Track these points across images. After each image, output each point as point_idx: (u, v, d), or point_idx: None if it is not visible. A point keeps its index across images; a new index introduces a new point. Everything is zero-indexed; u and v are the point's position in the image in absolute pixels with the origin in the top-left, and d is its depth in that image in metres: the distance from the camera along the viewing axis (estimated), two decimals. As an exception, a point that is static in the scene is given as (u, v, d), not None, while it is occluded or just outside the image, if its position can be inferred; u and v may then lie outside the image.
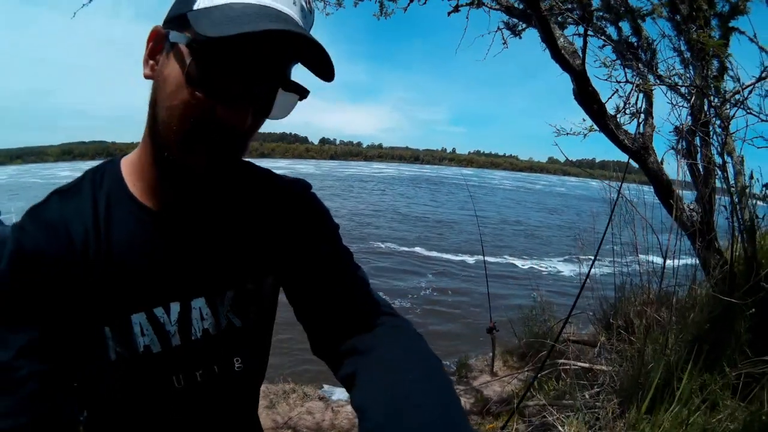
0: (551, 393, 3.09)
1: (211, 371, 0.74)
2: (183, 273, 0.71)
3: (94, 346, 0.66)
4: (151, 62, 0.64)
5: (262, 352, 0.85)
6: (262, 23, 0.53)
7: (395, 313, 0.75)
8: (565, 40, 2.70)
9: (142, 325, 0.68)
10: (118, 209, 0.68)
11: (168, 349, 0.70)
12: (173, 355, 0.70)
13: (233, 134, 0.61)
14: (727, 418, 1.71)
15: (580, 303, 2.55)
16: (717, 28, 2.57)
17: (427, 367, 0.61)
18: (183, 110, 0.59)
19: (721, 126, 2.57)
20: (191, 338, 0.72)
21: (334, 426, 3.50)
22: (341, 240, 0.81)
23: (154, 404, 0.72)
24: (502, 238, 16.23)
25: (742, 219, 2.37)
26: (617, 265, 3.52)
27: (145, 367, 0.69)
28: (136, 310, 0.67)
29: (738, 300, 2.04)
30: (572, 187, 61.05)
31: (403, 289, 9.34)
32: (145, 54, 0.64)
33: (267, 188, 0.80)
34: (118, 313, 0.66)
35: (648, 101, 2.87)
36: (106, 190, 0.69)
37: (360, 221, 18.43)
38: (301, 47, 0.60)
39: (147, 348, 0.68)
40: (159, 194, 0.69)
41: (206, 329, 0.73)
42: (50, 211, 0.66)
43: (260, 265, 0.78)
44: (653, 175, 2.78)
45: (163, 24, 0.63)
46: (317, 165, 77.26)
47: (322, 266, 0.76)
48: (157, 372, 0.70)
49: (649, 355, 2.24)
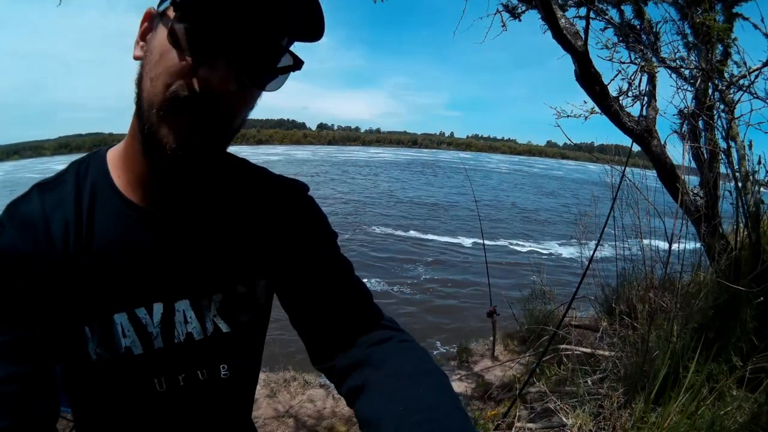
0: (553, 378, 3.09)
1: (195, 376, 0.71)
2: (167, 273, 0.67)
3: (74, 345, 0.63)
4: (141, 43, 0.61)
5: (252, 358, 0.81)
6: None
7: (399, 327, 0.73)
8: (566, 21, 2.64)
9: (123, 326, 0.64)
10: (101, 203, 0.65)
11: (150, 351, 0.66)
12: (155, 357, 0.67)
13: (216, 102, 0.56)
14: (735, 410, 1.70)
15: (581, 286, 2.53)
16: (721, 13, 2.52)
17: (438, 384, 0.60)
18: (165, 77, 0.55)
19: (725, 110, 2.52)
20: (174, 341, 0.68)
21: (335, 414, 3.51)
22: (340, 248, 0.78)
23: (136, 406, 0.69)
24: (498, 221, 16.21)
25: (746, 205, 2.34)
26: (619, 249, 3.51)
27: (126, 369, 0.66)
28: (118, 310, 0.64)
29: (744, 287, 2.01)
30: (570, 170, 60.87)
31: (401, 273, 9.34)
32: (137, 36, 0.62)
33: (262, 187, 0.76)
34: (99, 312, 0.63)
35: (651, 83, 2.82)
36: (90, 182, 0.66)
37: (355, 206, 18.38)
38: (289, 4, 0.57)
39: (128, 349, 0.65)
40: (145, 188, 0.66)
41: (190, 333, 0.69)
42: (30, 205, 0.63)
43: (252, 268, 0.74)
44: (657, 159, 2.74)
45: (157, 5, 0.61)
46: (314, 151, 76.41)
47: (323, 271, 0.73)
48: (138, 374, 0.67)
49: (654, 341, 2.22)
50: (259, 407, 3.55)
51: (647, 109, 2.80)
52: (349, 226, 13.79)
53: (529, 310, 4.47)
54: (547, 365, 3.23)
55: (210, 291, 0.70)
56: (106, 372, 0.65)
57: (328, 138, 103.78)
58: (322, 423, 3.38)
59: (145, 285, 0.66)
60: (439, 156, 77.99)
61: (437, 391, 0.57)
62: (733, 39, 2.46)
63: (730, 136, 2.51)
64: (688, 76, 2.71)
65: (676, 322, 2.22)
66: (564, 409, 2.30)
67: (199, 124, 0.57)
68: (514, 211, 19.42)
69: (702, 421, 1.67)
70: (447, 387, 0.60)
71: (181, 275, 0.68)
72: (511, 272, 9.84)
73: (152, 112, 0.56)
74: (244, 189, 0.75)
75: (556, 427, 2.35)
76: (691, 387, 1.75)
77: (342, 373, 0.68)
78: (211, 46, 0.55)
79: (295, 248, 0.74)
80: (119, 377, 0.66)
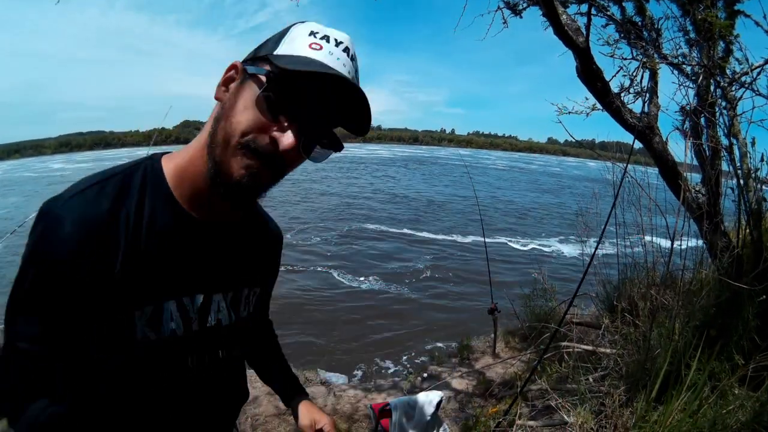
0: (554, 376, 3.09)
1: (216, 355, 0.91)
2: (208, 272, 0.86)
3: (122, 328, 0.75)
4: (223, 88, 0.77)
5: (248, 343, 1.07)
6: (326, 69, 0.69)
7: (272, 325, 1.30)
8: (567, 17, 2.63)
9: (171, 311, 0.80)
10: (159, 208, 0.78)
11: (188, 333, 0.83)
12: (191, 338, 0.84)
13: (278, 158, 0.73)
14: (737, 409, 1.69)
15: (582, 283, 2.54)
16: (722, 10, 2.51)
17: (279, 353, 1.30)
18: (245, 126, 0.71)
19: (727, 107, 2.52)
20: (206, 326, 0.87)
21: (336, 411, 3.51)
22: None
23: (168, 381, 0.85)
24: (495, 218, 16.15)
25: (748, 202, 2.33)
26: (620, 246, 3.51)
27: (167, 348, 0.81)
28: (169, 298, 0.80)
29: (746, 285, 2.01)
30: (569, 167, 60.68)
31: (399, 271, 9.34)
32: (220, 81, 0.78)
33: (264, 221, 1.04)
34: (153, 299, 0.77)
35: (653, 80, 2.81)
36: (149, 188, 0.79)
37: (351, 203, 18.37)
38: (350, 97, 0.74)
39: (173, 331, 0.81)
40: (200, 201, 0.81)
41: (219, 319, 0.89)
42: (92, 203, 0.72)
43: (256, 278, 1.00)
44: (658, 156, 2.74)
45: (242, 61, 0.78)
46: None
47: (268, 293, 1.13)
48: (177, 352, 0.83)
49: (655, 339, 2.22)
50: (260, 405, 3.56)
51: (649, 105, 2.79)
52: (343, 222, 13.78)
53: (530, 307, 4.47)
54: (548, 362, 3.23)
55: (234, 288, 0.92)
56: (148, 351, 0.79)
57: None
58: (323, 420, 3.39)
59: (191, 279, 0.84)
60: (436, 153, 77.45)
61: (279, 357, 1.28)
62: (735, 36, 2.46)
63: (732, 133, 2.51)
64: (690, 73, 2.71)
65: (678, 319, 2.21)
66: (565, 406, 2.30)
67: (264, 168, 0.73)
68: (512, 207, 19.40)
69: (704, 419, 1.67)
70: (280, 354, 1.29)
71: (217, 275, 0.88)
72: (511, 269, 9.85)
73: (227, 148, 0.72)
74: (258, 220, 1.01)
75: (557, 425, 2.35)
76: (693, 385, 1.75)
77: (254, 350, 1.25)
78: (287, 117, 0.72)
79: (269, 274, 1.07)
80: (160, 355, 0.81)
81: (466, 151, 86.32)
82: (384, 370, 5.47)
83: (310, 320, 6.97)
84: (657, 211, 2.82)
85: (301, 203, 17.42)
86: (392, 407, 2.31)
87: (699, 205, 2.62)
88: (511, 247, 11.93)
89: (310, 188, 22.06)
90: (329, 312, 7.28)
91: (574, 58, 2.64)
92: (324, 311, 7.29)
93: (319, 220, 14.12)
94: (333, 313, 7.24)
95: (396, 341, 6.24)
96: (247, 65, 0.75)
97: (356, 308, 7.46)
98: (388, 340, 6.37)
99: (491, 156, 78.38)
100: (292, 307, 7.25)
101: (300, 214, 14.94)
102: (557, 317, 3.89)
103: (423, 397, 2.34)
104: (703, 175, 2.72)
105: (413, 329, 6.71)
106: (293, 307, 7.20)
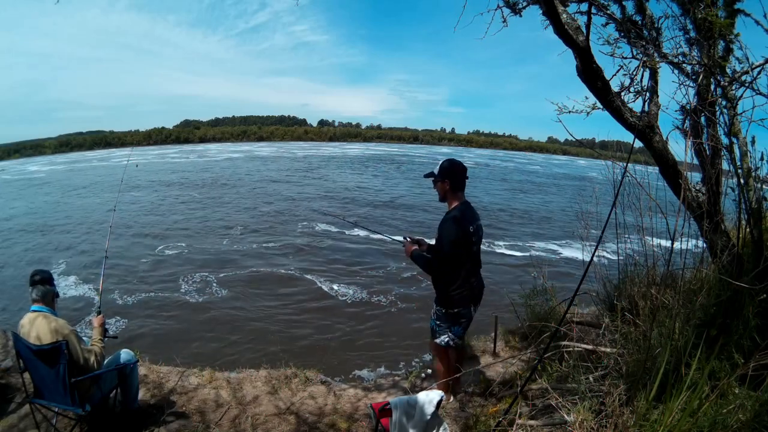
0: (554, 375, 3.08)
1: None
2: None
3: None
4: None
5: None
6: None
7: None
8: (568, 16, 2.63)
9: None
10: None
11: None
12: None
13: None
14: (738, 409, 1.69)
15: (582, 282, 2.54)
16: (723, 9, 2.50)
17: None
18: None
19: (727, 106, 2.51)
20: None
21: (336, 410, 3.51)
22: None
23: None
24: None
25: (748, 201, 2.33)
26: (621, 246, 3.50)
27: None
28: None
29: (746, 284, 2.00)
30: (551, 165, 59.79)
31: (374, 277, 9.38)
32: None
33: None
34: None
35: (653, 79, 2.81)
36: None
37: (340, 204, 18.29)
38: None
39: None
40: None
41: None
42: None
43: None
44: (658, 155, 2.73)
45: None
46: (282, 146, 72.08)
47: None
48: None
49: (656, 338, 2.21)
50: (261, 404, 3.56)
51: (649, 104, 2.79)
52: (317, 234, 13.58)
53: (530, 306, 4.47)
54: (548, 362, 3.22)
55: None
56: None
57: (329, 134, 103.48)
58: (323, 420, 3.39)
59: None
60: (413, 152, 74.94)
61: None
62: (736, 35, 2.45)
63: (733, 132, 2.50)
64: (690, 72, 2.70)
65: (678, 319, 2.21)
66: (565, 406, 2.30)
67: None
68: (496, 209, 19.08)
69: (704, 419, 1.66)
70: None
71: None
72: (507, 272, 9.87)
73: None
74: None
75: (557, 424, 2.35)
76: (693, 384, 1.75)
77: None
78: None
79: None
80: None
81: (448, 149, 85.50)
82: (384, 369, 5.48)
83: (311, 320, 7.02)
84: (657, 210, 2.81)
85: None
86: (392, 406, 2.31)
87: (699, 204, 2.62)
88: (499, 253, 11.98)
89: (294, 191, 21.81)
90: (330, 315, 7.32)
91: (574, 57, 2.63)
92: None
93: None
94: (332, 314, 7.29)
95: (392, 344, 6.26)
96: None
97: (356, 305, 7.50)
98: (388, 340, 6.40)
99: (471, 153, 76.84)
100: (295, 310, 7.29)
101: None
102: (557, 316, 3.88)
103: (423, 397, 2.34)
104: (703, 174, 2.71)
105: (413, 327, 6.73)
106: (297, 310, 7.24)
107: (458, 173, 3.11)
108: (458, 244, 2.98)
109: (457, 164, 3.14)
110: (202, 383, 3.85)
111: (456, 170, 3.12)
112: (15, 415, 3.28)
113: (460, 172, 3.12)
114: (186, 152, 53.35)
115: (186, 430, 3.20)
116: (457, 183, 3.12)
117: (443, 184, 3.12)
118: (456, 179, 3.11)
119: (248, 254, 10.82)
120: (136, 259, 10.36)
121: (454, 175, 3.11)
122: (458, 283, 3.09)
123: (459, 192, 3.14)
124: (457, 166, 3.13)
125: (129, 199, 18.72)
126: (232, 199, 19.08)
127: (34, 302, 2.80)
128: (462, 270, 3.08)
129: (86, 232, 13.47)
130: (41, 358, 2.66)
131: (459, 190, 3.14)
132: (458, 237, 2.97)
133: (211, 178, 26.81)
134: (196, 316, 7.37)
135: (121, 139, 77.69)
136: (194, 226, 14.02)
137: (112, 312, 7.26)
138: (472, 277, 3.18)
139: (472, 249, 3.10)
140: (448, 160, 3.18)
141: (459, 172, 3.12)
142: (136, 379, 3.31)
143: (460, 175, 3.12)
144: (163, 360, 4.43)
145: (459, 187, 3.13)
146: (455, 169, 3.12)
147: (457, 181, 3.12)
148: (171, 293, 8.32)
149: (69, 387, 2.69)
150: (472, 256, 3.13)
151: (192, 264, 10.01)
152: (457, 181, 3.12)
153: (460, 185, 3.13)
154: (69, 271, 9.57)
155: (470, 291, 3.15)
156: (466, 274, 3.11)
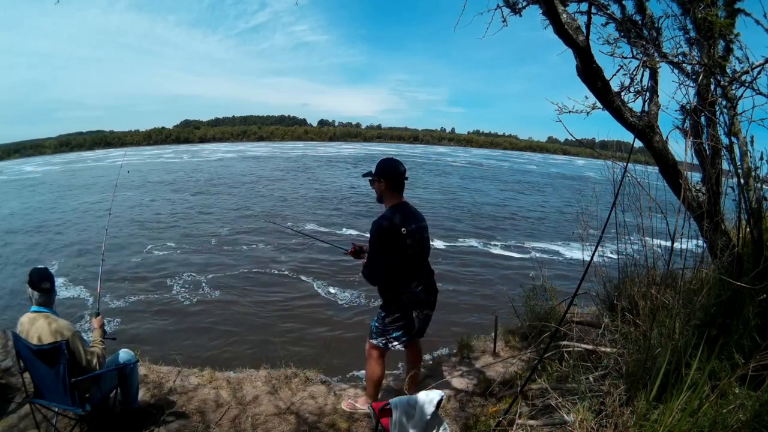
0: (554, 375, 3.08)
1: None
2: None
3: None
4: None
5: None
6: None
7: None
8: (568, 15, 2.63)
9: None
10: None
11: None
12: None
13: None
14: (738, 409, 1.69)
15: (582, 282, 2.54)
16: (723, 8, 2.50)
17: None
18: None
19: (727, 106, 2.51)
20: None
21: (336, 410, 3.51)
22: None
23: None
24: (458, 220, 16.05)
25: (748, 201, 2.33)
26: (621, 245, 3.50)
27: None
28: None
29: (746, 284, 2.00)
30: (551, 164, 59.64)
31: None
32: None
33: None
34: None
35: (653, 79, 2.81)
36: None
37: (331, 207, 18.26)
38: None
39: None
40: None
41: None
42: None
43: None
44: (659, 155, 2.74)
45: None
46: (277, 147, 71.06)
47: None
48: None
49: (656, 338, 2.21)
50: (261, 404, 3.56)
51: (649, 104, 2.79)
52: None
53: (530, 306, 4.47)
54: (548, 362, 3.23)
55: None
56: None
57: (329, 134, 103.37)
58: (324, 419, 3.39)
59: None
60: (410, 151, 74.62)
61: None
62: (736, 35, 2.46)
63: (733, 132, 2.50)
64: (690, 72, 2.70)
65: (679, 319, 2.21)
66: (565, 406, 2.30)
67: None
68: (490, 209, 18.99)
69: (704, 419, 1.66)
70: None
71: None
72: (507, 272, 9.86)
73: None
74: None
75: (557, 424, 2.34)
76: (694, 384, 1.75)
77: None
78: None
79: None
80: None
81: (444, 149, 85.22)
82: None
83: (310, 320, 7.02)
84: (657, 210, 2.81)
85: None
86: (392, 406, 2.30)
87: (699, 204, 2.62)
88: (492, 253, 11.97)
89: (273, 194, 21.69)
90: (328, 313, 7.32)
91: (574, 56, 2.63)
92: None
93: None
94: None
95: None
96: None
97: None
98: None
99: (467, 153, 76.51)
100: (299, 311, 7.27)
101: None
102: (557, 316, 3.88)
103: (423, 396, 2.33)
104: (703, 174, 2.71)
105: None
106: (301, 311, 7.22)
107: (396, 173, 3.01)
108: (386, 249, 2.89)
109: (395, 164, 3.03)
110: (202, 383, 3.85)
111: (394, 170, 3.02)
112: (15, 415, 3.28)
113: (398, 173, 3.02)
114: (180, 152, 53.13)
115: (186, 430, 3.20)
116: (395, 183, 3.01)
117: (380, 184, 3.02)
118: (393, 179, 3.01)
119: (240, 255, 10.84)
120: (127, 259, 10.36)
121: (391, 175, 3.00)
122: (395, 288, 3.01)
123: (397, 192, 3.02)
124: (395, 166, 3.01)
125: (121, 198, 18.70)
126: (222, 200, 19.06)
127: (34, 302, 2.79)
128: (397, 275, 2.97)
129: (80, 231, 13.46)
130: (41, 358, 2.65)
131: (397, 190, 3.02)
132: (385, 241, 2.87)
133: (204, 178, 26.92)
134: (192, 317, 7.39)
135: (121, 139, 77.51)
136: (186, 225, 14.04)
137: (105, 312, 7.24)
138: (414, 281, 3.02)
139: (407, 252, 2.94)
140: (387, 159, 3.07)
141: (397, 173, 3.01)
142: (136, 379, 3.30)
143: (398, 176, 3.01)
144: (163, 360, 4.43)
145: (397, 187, 3.01)
146: (393, 170, 3.02)
147: (395, 182, 3.00)
148: (164, 294, 8.32)
149: (69, 387, 2.68)
150: (410, 259, 2.99)
151: (185, 265, 10.01)
152: (395, 182, 3.00)
153: (398, 185, 3.01)
154: (60, 272, 9.53)
155: (412, 296, 3.01)
156: (405, 278, 2.99)
